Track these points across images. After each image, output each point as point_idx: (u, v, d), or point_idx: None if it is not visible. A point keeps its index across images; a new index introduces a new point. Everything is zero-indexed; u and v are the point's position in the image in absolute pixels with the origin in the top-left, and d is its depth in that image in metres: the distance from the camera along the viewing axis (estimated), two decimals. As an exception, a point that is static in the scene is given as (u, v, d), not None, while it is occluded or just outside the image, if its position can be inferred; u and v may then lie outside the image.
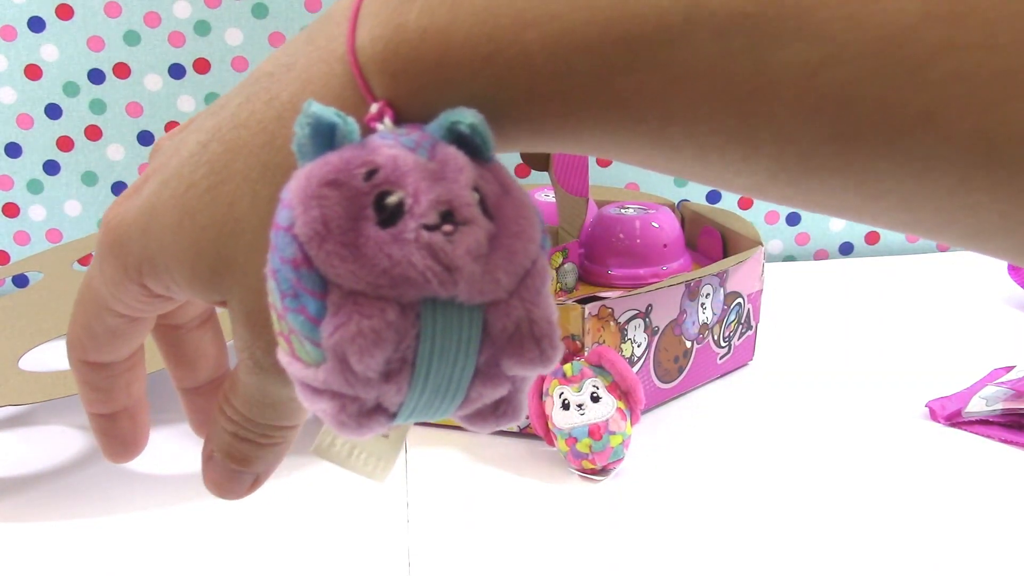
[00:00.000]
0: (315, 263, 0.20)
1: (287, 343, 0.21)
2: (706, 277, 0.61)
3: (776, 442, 0.57)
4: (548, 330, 0.22)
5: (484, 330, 0.21)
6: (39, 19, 0.81)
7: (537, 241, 0.22)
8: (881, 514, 0.49)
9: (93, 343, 0.29)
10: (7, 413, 0.64)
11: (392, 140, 0.21)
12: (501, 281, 0.21)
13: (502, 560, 0.46)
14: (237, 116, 0.24)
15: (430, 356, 0.21)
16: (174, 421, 0.62)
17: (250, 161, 0.24)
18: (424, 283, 0.20)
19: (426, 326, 0.20)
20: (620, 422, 0.52)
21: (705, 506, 0.50)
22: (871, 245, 0.95)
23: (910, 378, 0.64)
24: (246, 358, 0.25)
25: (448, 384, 0.21)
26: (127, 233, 0.26)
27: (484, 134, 0.21)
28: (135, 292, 0.27)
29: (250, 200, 0.24)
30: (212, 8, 0.83)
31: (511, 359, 0.21)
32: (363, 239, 0.20)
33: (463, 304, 0.20)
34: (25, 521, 0.51)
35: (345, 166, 0.20)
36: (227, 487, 0.29)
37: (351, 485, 0.53)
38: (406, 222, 0.20)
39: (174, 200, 0.25)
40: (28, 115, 0.84)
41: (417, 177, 0.20)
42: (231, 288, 0.24)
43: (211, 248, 0.24)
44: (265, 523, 0.50)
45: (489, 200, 0.21)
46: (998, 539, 0.47)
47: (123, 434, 0.31)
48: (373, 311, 0.20)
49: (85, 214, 0.87)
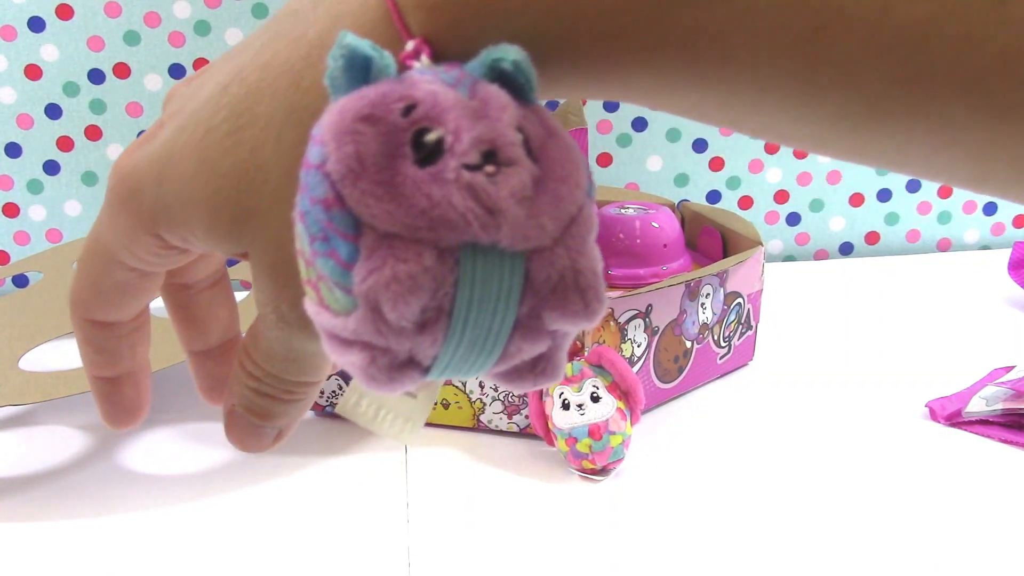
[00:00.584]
0: (348, 203, 0.19)
1: (315, 291, 0.20)
2: (706, 277, 0.61)
3: (776, 442, 0.57)
4: (593, 281, 0.20)
5: (526, 279, 0.20)
6: (39, 19, 0.81)
7: (584, 187, 0.20)
8: (881, 514, 0.49)
9: (99, 300, 0.27)
10: (7, 413, 0.64)
11: (431, 76, 0.20)
12: (546, 227, 0.19)
13: (502, 560, 0.46)
14: (260, 57, 0.23)
15: (468, 305, 0.19)
16: (174, 421, 0.62)
17: (275, 103, 0.22)
18: (465, 226, 0.19)
19: (465, 273, 0.19)
20: (620, 422, 0.52)
21: (705, 506, 0.50)
22: (871, 245, 0.95)
23: (910, 378, 0.64)
24: (269, 312, 0.24)
25: (486, 337, 0.20)
26: (140, 182, 0.24)
27: (528, 73, 0.20)
28: (149, 244, 0.25)
29: (274, 144, 0.22)
30: (212, 8, 0.83)
31: (554, 311, 0.20)
32: (400, 177, 0.19)
33: (505, 250, 0.19)
34: (25, 521, 0.51)
35: (382, 100, 0.19)
36: (249, 442, 0.28)
37: (351, 485, 0.54)
38: (446, 161, 0.19)
39: (192, 146, 0.23)
40: (28, 115, 0.84)
41: (458, 114, 0.19)
42: (253, 239, 0.23)
43: (232, 196, 0.23)
44: (265, 523, 0.50)
45: (533, 142, 0.20)
46: (998, 539, 0.47)
47: (125, 399, 0.30)
48: (409, 255, 0.19)
49: (85, 214, 0.87)
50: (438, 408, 0.58)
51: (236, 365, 0.27)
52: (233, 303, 0.31)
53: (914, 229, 0.95)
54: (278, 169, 0.22)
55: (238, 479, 0.55)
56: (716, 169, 0.92)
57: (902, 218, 0.95)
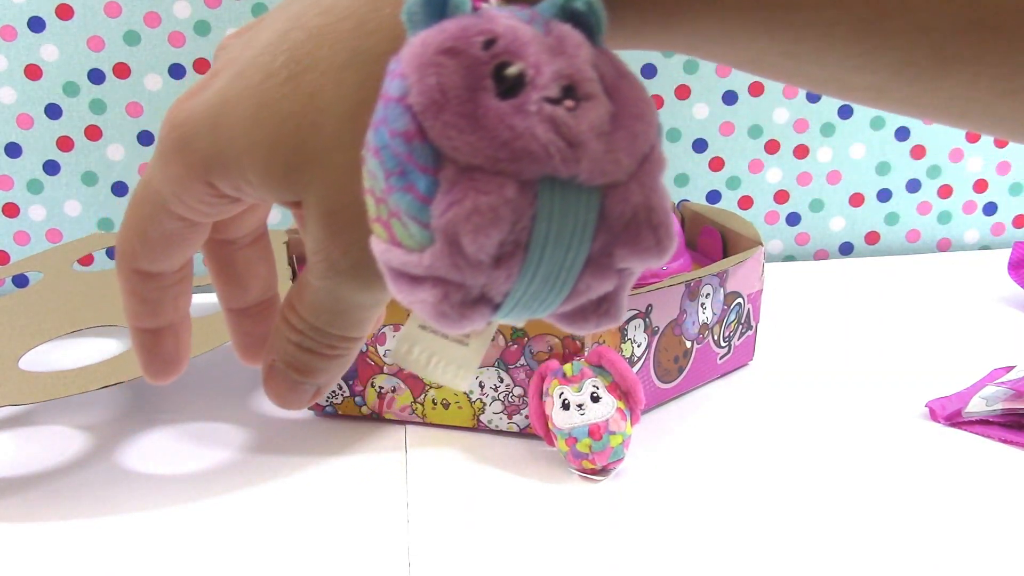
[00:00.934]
0: (429, 135, 0.19)
1: (386, 229, 0.20)
2: (706, 277, 0.61)
3: (776, 442, 0.57)
4: (665, 219, 0.20)
5: (600, 215, 0.20)
6: (39, 19, 0.81)
7: (656, 126, 0.20)
8: (881, 514, 0.49)
9: (146, 249, 0.27)
10: (7, 413, 0.64)
11: (508, 12, 0.20)
12: (622, 162, 0.19)
13: (502, 560, 0.46)
14: (322, 2, 0.23)
15: (545, 239, 0.19)
16: (174, 421, 0.62)
17: (336, 47, 0.22)
18: (547, 158, 0.19)
19: (543, 206, 0.19)
20: (620, 422, 0.52)
21: (705, 506, 0.50)
22: (871, 245, 0.95)
23: (910, 378, 0.64)
24: (320, 260, 0.24)
25: (559, 272, 0.20)
26: (194, 128, 0.24)
27: (599, 15, 0.20)
28: (200, 192, 0.25)
29: (335, 89, 0.22)
30: (212, 8, 0.83)
31: (626, 248, 0.20)
32: (483, 109, 0.19)
33: (582, 185, 0.19)
34: (25, 521, 0.51)
35: (463, 33, 0.19)
36: (289, 397, 0.27)
37: (351, 485, 0.54)
38: (528, 94, 0.19)
39: (249, 91, 0.23)
40: (28, 115, 0.84)
41: (537, 49, 0.19)
42: (308, 184, 0.23)
43: (289, 142, 0.23)
44: (265, 523, 0.50)
45: (606, 80, 0.20)
46: (998, 539, 0.47)
47: (166, 351, 0.30)
48: (491, 187, 0.19)
49: (85, 214, 0.87)
50: (438, 408, 0.59)
51: (278, 319, 0.27)
52: (273, 261, 0.31)
53: (914, 229, 0.95)
54: (337, 113, 0.22)
55: (238, 479, 0.55)
56: (716, 169, 0.92)
57: (902, 218, 0.95)
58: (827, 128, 0.91)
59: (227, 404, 0.64)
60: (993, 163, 0.94)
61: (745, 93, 0.89)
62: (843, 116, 0.91)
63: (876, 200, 0.94)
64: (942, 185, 0.94)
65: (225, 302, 0.31)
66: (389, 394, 0.59)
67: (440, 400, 0.58)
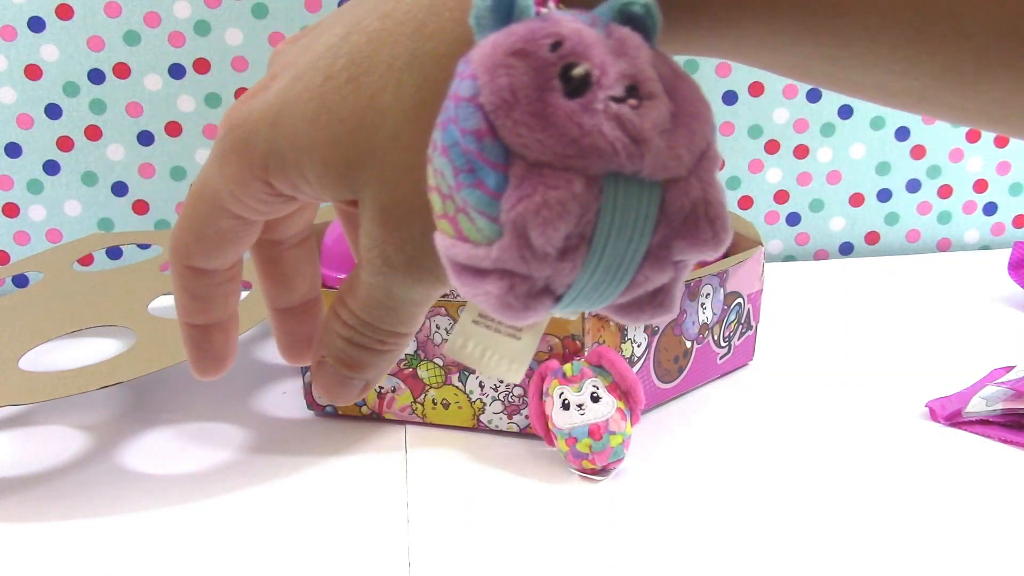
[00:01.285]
0: (500, 133, 0.20)
1: (452, 224, 0.21)
2: (706, 277, 0.61)
3: (776, 442, 0.57)
4: (722, 212, 0.21)
5: (660, 208, 0.20)
6: (39, 19, 0.81)
7: (712, 124, 0.21)
8: (881, 514, 0.49)
9: (201, 247, 0.28)
10: (7, 413, 0.64)
11: (571, 16, 0.21)
12: (683, 158, 0.20)
13: (502, 560, 0.46)
14: (381, 7, 0.24)
15: (608, 232, 0.20)
16: (174, 421, 0.62)
17: (396, 50, 0.23)
18: (613, 154, 0.20)
19: (607, 200, 0.20)
20: (620, 422, 0.52)
21: (705, 506, 0.50)
22: (871, 245, 0.95)
23: (910, 378, 0.64)
24: (374, 256, 0.24)
25: (620, 264, 0.21)
26: (254, 129, 0.25)
27: (656, 18, 0.21)
28: (257, 191, 0.26)
29: (394, 90, 0.23)
30: (212, 8, 0.83)
31: (684, 240, 0.21)
32: (551, 108, 0.20)
33: (644, 180, 0.20)
34: (25, 521, 0.51)
35: (531, 36, 0.20)
36: (337, 392, 0.28)
37: (351, 485, 0.54)
38: (594, 93, 0.20)
39: (309, 92, 0.24)
40: (28, 115, 0.84)
41: (601, 50, 0.20)
42: (366, 182, 0.24)
43: (348, 141, 0.24)
44: (265, 523, 0.50)
45: (665, 80, 0.21)
46: (998, 539, 0.47)
47: (215, 347, 0.31)
48: (559, 182, 0.20)
49: (85, 214, 0.87)
50: (438, 408, 0.59)
51: (329, 315, 0.27)
52: (318, 263, 0.32)
53: (914, 229, 0.95)
54: (397, 113, 0.23)
55: (238, 479, 0.55)
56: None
57: (902, 218, 0.95)
58: (827, 128, 0.91)
59: (227, 404, 0.64)
60: (993, 163, 0.94)
61: (745, 93, 0.89)
62: (843, 116, 0.91)
63: (876, 200, 0.94)
64: (942, 185, 0.94)
65: (271, 302, 0.32)
66: (389, 394, 0.59)
67: (440, 400, 0.58)
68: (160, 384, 0.67)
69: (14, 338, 0.63)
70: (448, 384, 0.58)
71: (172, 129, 0.85)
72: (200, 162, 0.86)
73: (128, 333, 0.66)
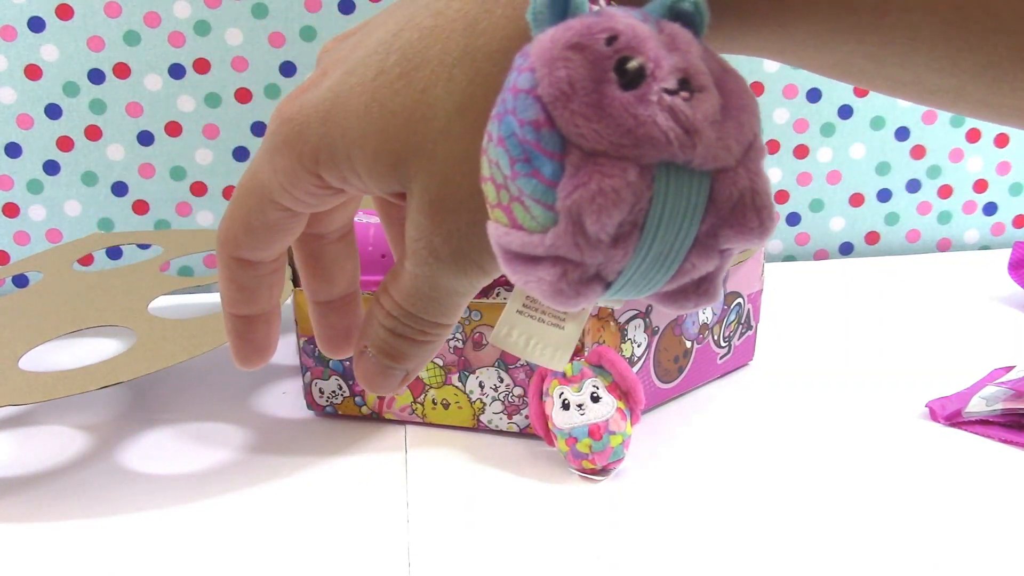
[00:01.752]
0: (558, 123, 0.20)
1: (506, 213, 0.22)
2: (706, 277, 0.61)
3: (776, 442, 0.57)
4: (768, 202, 0.22)
5: (709, 197, 0.21)
6: (39, 19, 0.81)
7: (758, 117, 0.22)
8: (881, 514, 0.49)
9: (249, 238, 0.29)
10: (7, 413, 0.64)
11: (624, 11, 0.22)
12: (732, 148, 0.21)
13: (502, 560, 0.46)
14: (433, 4, 0.24)
15: (659, 220, 0.21)
16: (174, 421, 0.62)
17: (448, 46, 0.24)
18: (667, 144, 0.20)
19: (659, 189, 0.21)
20: (620, 422, 0.52)
21: (705, 506, 0.50)
22: (871, 245, 0.95)
23: (910, 378, 0.64)
24: (421, 247, 0.25)
25: (668, 252, 0.21)
26: (305, 122, 0.26)
27: (704, 15, 0.22)
28: (307, 183, 0.26)
29: (445, 84, 0.24)
30: (212, 8, 0.83)
31: (731, 229, 0.22)
32: (607, 100, 0.20)
33: (695, 169, 0.21)
34: (25, 521, 0.51)
35: (588, 31, 0.21)
36: (379, 382, 0.29)
37: (351, 485, 0.54)
38: (649, 85, 0.20)
39: (362, 86, 0.25)
40: (28, 115, 0.84)
41: (655, 45, 0.21)
42: (416, 174, 0.24)
43: (399, 134, 0.24)
44: (265, 523, 0.50)
45: (714, 74, 0.21)
46: (998, 539, 0.47)
47: (258, 338, 0.31)
48: (615, 171, 0.20)
49: (85, 214, 0.87)
50: (438, 408, 0.59)
51: (373, 306, 0.28)
52: (357, 258, 0.33)
53: (914, 229, 0.95)
54: (447, 107, 0.24)
55: (238, 479, 0.55)
56: (716, 169, 0.91)
57: (902, 218, 0.95)
58: (827, 128, 0.91)
59: (227, 404, 0.64)
60: (993, 163, 0.94)
61: (745, 93, 0.89)
62: (843, 116, 0.91)
63: (876, 200, 0.94)
64: (942, 185, 0.94)
65: (312, 295, 0.33)
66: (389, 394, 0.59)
67: (440, 400, 0.58)
68: (160, 384, 0.68)
69: (14, 338, 0.63)
70: (448, 384, 0.58)
71: (172, 129, 0.85)
72: (200, 162, 0.86)
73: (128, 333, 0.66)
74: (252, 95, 0.85)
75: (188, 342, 0.56)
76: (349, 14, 0.84)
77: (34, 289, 0.72)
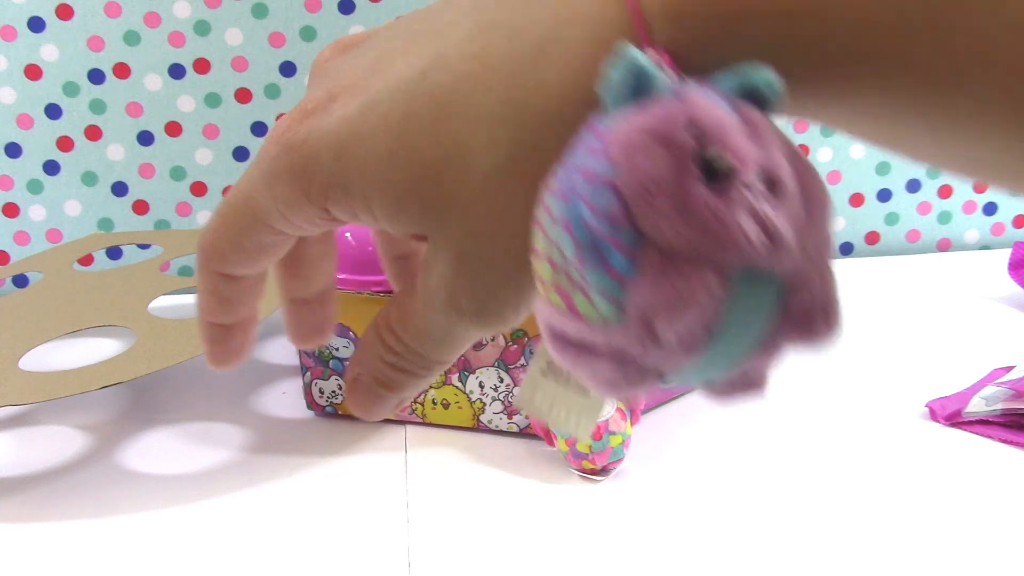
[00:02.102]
0: (637, 219, 0.19)
1: (564, 299, 0.21)
2: (706, 277, 0.61)
3: (776, 442, 0.57)
4: (838, 308, 0.21)
5: (781, 301, 0.20)
6: (39, 19, 0.81)
7: (833, 211, 0.21)
8: (881, 514, 0.49)
9: (237, 257, 0.27)
10: (7, 413, 0.64)
11: (702, 93, 0.20)
12: (809, 251, 0.20)
13: (502, 560, 0.46)
14: (468, 47, 0.23)
15: (731, 325, 0.20)
16: (174, 421, 0.62)
17: (488, 98, 0.22)
18: (751, 250, 0.19)
19: (735, 294, 0.19)
20: (620, 422, 0.52)
21: (705, 506, 0.50)
22: (871, 245, 0.95)
23: (910, 378, 0.64)
24: (442, 298, 0.24)
25: (731, 353, 0.20)
26: (313, 156, 0.24)
27: (779, 96, 0.20)
28: (312, 215, 0.25)
29: (486, 142, 0.22)
30: (212, 8, 0.83)
31: (798, 333, 0.21)
32: (692, 199, 0.19)
33: (773, 274, 0.20)
34: (25, 521, 0.51)
35: (670, 119, 0.19)
36: (372, 410, 0.28)
37: (351, 485, 0.54)
38: (735, 184, 0.19)
39: (386, 128, 0.23)
40: (28, 115, 0.84)
41: (739, 138, 0.19)
42: (445, 227, 0.23)
43: (430, 185, 0.23)
44: (265, 523, 0.50)
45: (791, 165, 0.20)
46: (998, 539, 0.47)
47: (235, 344, 0.30)
48: (692, 274, 0.19)
49: (85, 214, 0.87)
50: (438, 408, 0.59)
51: (371, 337, 0.27)
52: (335, 254, 0.32)
53: (914, 229, 0.95)
54: (487, 165, 0.22)
55: (238, 479, 0.55)
56: (716, 169, 0.91)
57: (902, 218, 0.95)
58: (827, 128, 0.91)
59: (227, 404, 0.64)
60: (993, 163, 0.94)
61: (745, 93, 0.89)
62: (843, 116, 0.91)
63: (876, 200, 0.94)
64: (942, 185, 0.94)
65: (287, 293, 0.32)
66: (389, 394, 0.59)
67: (440, 400, 0.58)
68: (160, 384, 0.67)
69: (14, 338, 0.63)
70: (448, 384, 0.58)
71: (172, 129, 0.85)
72: (200, 162, 0.86)
73: (128, 333, 0.66)
74: (252, 95, 0.85)
75: (188, 342, 0.56)
76: (349, 14, 0.84)
77: (34, 289, 0.72)
